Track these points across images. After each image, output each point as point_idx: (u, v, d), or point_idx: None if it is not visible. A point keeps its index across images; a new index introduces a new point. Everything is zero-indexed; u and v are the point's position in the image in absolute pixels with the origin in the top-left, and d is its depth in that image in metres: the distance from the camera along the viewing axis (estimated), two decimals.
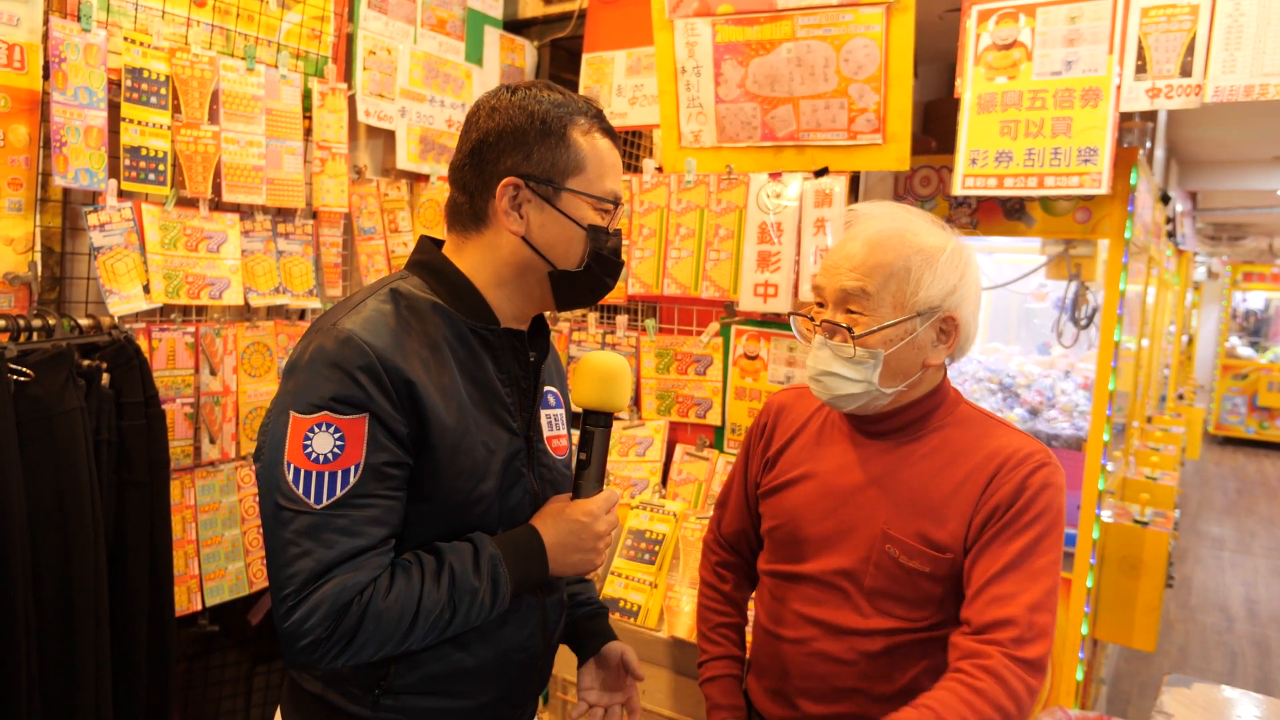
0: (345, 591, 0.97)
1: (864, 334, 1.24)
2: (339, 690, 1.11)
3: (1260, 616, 5.00)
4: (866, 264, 1.24)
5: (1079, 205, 2.59)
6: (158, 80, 2.02)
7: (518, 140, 1.09)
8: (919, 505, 1.26)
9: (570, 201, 1.11)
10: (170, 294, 2.06)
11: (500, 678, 1.17)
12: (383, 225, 2.65)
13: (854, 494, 1.30)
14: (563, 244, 1.12)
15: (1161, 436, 4.82)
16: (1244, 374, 10.63)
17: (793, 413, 1.45)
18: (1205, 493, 8.11)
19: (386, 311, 1.06)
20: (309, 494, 0.99)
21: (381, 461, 1.01)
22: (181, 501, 2.11)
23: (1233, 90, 1.81)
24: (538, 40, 3.08)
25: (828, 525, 1.31)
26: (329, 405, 0.99)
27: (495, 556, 1.08)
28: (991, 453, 1.26)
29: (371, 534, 1.00)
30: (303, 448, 0.99)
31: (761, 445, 1.46)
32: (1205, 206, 7.92)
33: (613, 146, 1.16)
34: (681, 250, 2.25)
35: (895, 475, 1.29)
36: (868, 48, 2.06)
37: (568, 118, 1.11)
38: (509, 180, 1.09)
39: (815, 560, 1.32)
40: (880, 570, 1.27)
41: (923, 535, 1.25)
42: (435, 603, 1.03)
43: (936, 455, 1.29)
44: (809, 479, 1.35)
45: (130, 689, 1.82)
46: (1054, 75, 1.97)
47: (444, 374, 1.07)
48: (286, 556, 0.98)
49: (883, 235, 1.26)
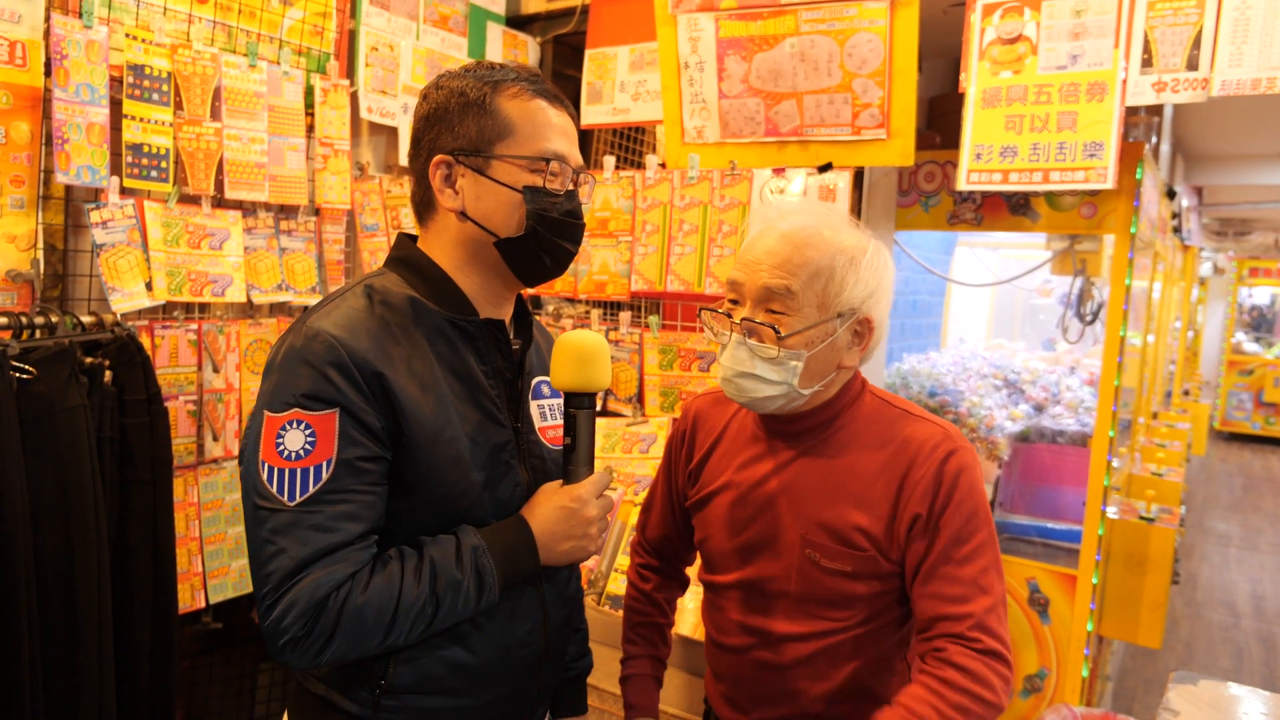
0: (320, 588, 0.96)
1: (789, 334, 1.19)
2: (342, 691, 1.11)
3: (1266, 613, 4.98)
4: (791, 262, 1.20)
5: (1084, 200, 2.57)
6: (159, 77, 2.02)
7: (443, 118, 1.10)
8: (833, 505, 1.24)
9: (500, 168, 1.10)
10: (173, 291, 2.06)
11: (502, 675, 1.16)
12: (385, 222, 2.65)
13: (770, 502, 1.28)
14: (500, 211, 1.10)
15: (1167, 433, 4.80)
16: (1250, 370, 10.59)
17: (709, 420, 1.41)
18: (1211, 489, 8.08)
19: (359, 308, 1.06)
20: (282, 491, 0.98)
21: (355, 456, 1.00)
22: (184, 499, 2.11)
23: (1239, 84, 1.79)
24: (540, 36, 3.07)
25: (749, 535, 1.30)
26: (299, 402, 0.99)
27: (478, 547, 1.06)
28: (900, 447, 1.24)
29: (347, 530, 1.00)
30: (275, 445, 0.99)
31: (684, 454, 1.43)
32: (1211, 201, 7.89)
33: (549, 106, 1.13)
34: (685, 246, 2.24)
35: (808, 478, 1.27)
36: (872, 42, 2.05)
37: (491, 87, 1.10)
38: (438, 159, 1.10)
39: (742, 570, 1.31)
40: (803, 576, 1.25)
41: (839, 535, 1.23)
42: (416, 598, 1.01)
43: (847, 452, 1.26)
44: (727, 489, 1.33)
45: (133, 686, 1.83)
46: (1059, 69, 1.96)
47: (422, 367, 1.07)
48: (264, 555, 0.98)
49: (806, 233, 1.22)
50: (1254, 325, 11.70)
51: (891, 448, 1.24)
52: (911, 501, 1.20)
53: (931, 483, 1.20)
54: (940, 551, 1.18)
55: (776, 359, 1.20)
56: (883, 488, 1.22)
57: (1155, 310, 4.16)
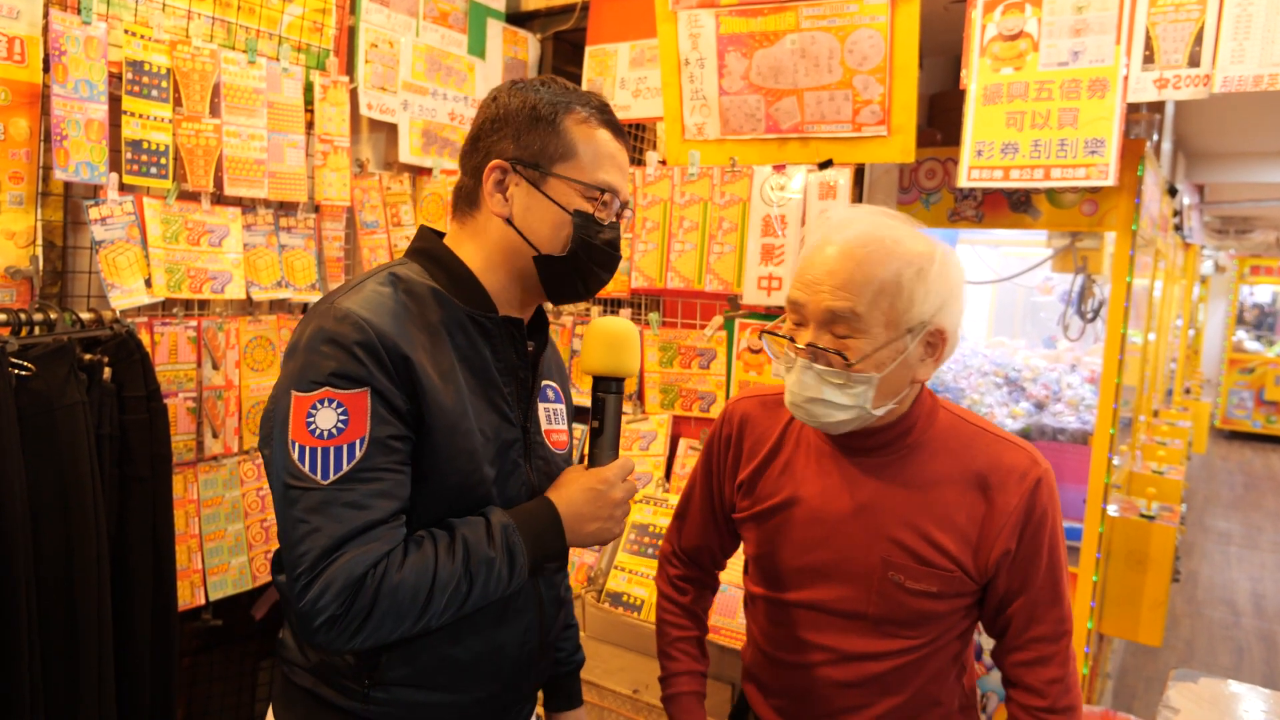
0: (358, 566, 0.96)
1: (858, 360, 1.12)
2: (330, 684, 1.10)
3: (1267, 611, 4.98)
4: (854, 280, 1.11)
5: (1085, 198, 2.57)
6: (159, 73, 2.01)
7: (509, 125, 1.12)
8: (918, 526, 1.19)
9: (557, 186, 1.11)
10: (172, 288, 2.05)
11: (494, 673, 1.16)
12: (385, 219, 2.64)
13: (845, 521, 1.22)
14: (547, 228, 1.12)
15: (1168, 431, 4.79)
16: (1251, 368, 10.59)
17: (760, 425, 1.34)
18: (1212, 487, 8.08)
19: (385, 293, 1.06)
20: (315, 470, 0.98)
21: (386, 435, 1.00)
22: (184, 496, 2.11)
23: (1241, 80, 1.79)
24: (540, 33, 3.07)
25: (823, 555, 1.24)
26: (329, 381, 0.99)
27: (508, 526, 1.07)
28: (987, 469, 1.20)
29: (381, 507, 0.99)
30: (306, 425, 0.98)
31: (730, 461, 1.36)
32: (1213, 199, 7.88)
33: (613, 139, 1.15)
34: (685, 243, 2.24)
35: (888, 498, 1.21)
36: (872, 39, 2.05)
37: (563, 106, 1.12)
38: (496, 162, 1.11)
39: (813, 589, 1.25)
40: (884, 598, 1.21)
41: (923, 557, 1.19)
42: (451, 575, 1.01)
43: (926, 470, 1.21)
44: (795, 505, 1.26)
45: (134, 684, 1.82)
46: (1060, 66, 1.95)
47: (441, 357, 1.07)
48: (297, 535, 0.97)
49: (868, 246, 1.13)
50: (1255, 324, 11.69)
51: (976, 468, 1.20)
52: (1003, 534, 1.17)
53: (1022, 515, 1.18)
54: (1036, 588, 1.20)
55: (846, 384, 1.14)
56: (969, 511, 1.19)
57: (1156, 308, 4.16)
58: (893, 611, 1.21)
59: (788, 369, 1.18)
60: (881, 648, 1.23)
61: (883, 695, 1.25)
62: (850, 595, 1.22)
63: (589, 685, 2.13)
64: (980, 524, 1.18)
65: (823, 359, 1.14)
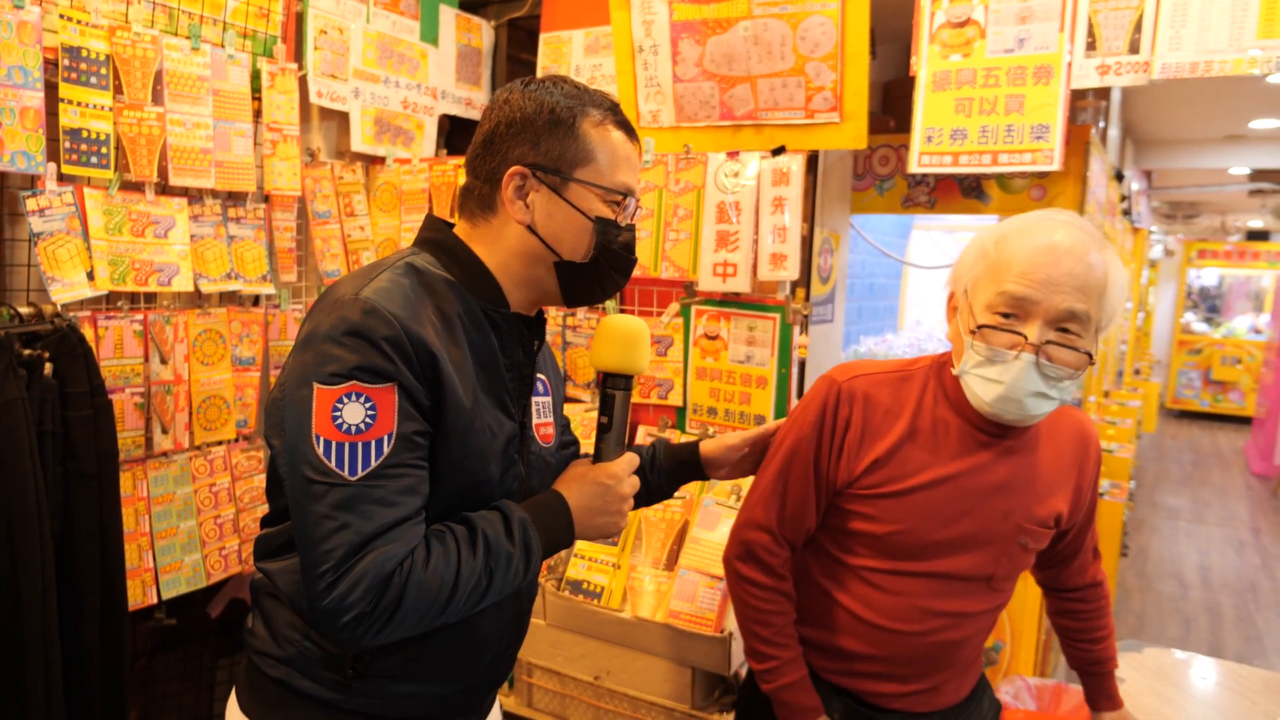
0: (387, 563, 0.95)
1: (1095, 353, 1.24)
2: (307, 675, 1.09)
3: (1213, 584, 5.14)
4: (1089, 284, 1.20)
5: (1034, 183, 2.62)
6: (97, 60, 1.96)
7: (526, 130, 1.10)
8: (1039, 493, 1.34)
9: (578, 192, 1.11)
10: (116, 281, 2.01)
11: (474, 665, 1.16)
12: (338, 209, 2.60)
13: (988, 496, 1.31)
14: (570, 234, 1.12)
15: (1118, 410, 4.92)
16: (1198, 349, 10.89)
17: (882, 405, 1.34)
18: (1162, 465, 8.31)
19: (404, 284, 1.04)
20: (342, 466, 0.96)
21: (411, 431, 0.99)
22: (133, 493, 2.06)
23: (1179, 67, 1.83)
24: (495, 20, 3.04)
25: (963, 527, 1.31)
26: (355, 375, 0.96)
27: (525, 520, 1.08)
28: (1076, 435, 1.40)
29: (408, 504, 0.99)
30: (332, 419, 0.96)
31: (853, 439, 1.34)
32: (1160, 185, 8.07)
33: (627, 140, 1.15)
34: (640, 231, 2.24)
35: (1023, 471, 1.33)
36: (824, 26, 2.06)
37: (579, 109, 1.11)
38: (515, 169, 1.10)
39: (949, 559, 1.33)
40: (1010, 559, 1.35)
41: (1044, 521, 1.35)
42: (473, 570, 1.02)
43: (1042, 443, 1.36)
44: (943, 483, 1.31)
45: (83, 686, 1.79)
46: (1007, 53, 1.99)
47: (457, 351, 1.06)
48: (322, 531, 0.95)
49: (1093, 254, 1.22)
50: (1202, 306, 12.03)
51: (1069, 435, 1.39)
52: (1087, 490, 1.42)
53: (1095, 472, 1.42)
54: (1091, 532, 1.51)
55: (1066, 379, 1.22)
56: (1071, 476, 1.39)
57: None
58: (1011, 570, 1.37)
59: (995, 363, 1.22)
60: (991, 603, 1.38)
61: (981, 639, 1.43)
62: (983, 561, 1.33)
63: (550, 673, 2.13)
64: (1076, 485, 1.39)
65: (1062, 355, 1.20)
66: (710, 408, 2.23)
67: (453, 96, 2.91)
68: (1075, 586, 1.56)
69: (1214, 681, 2.02)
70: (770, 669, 1.39)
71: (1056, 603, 1.60)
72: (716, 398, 2.21)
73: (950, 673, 1.40)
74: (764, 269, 2.08)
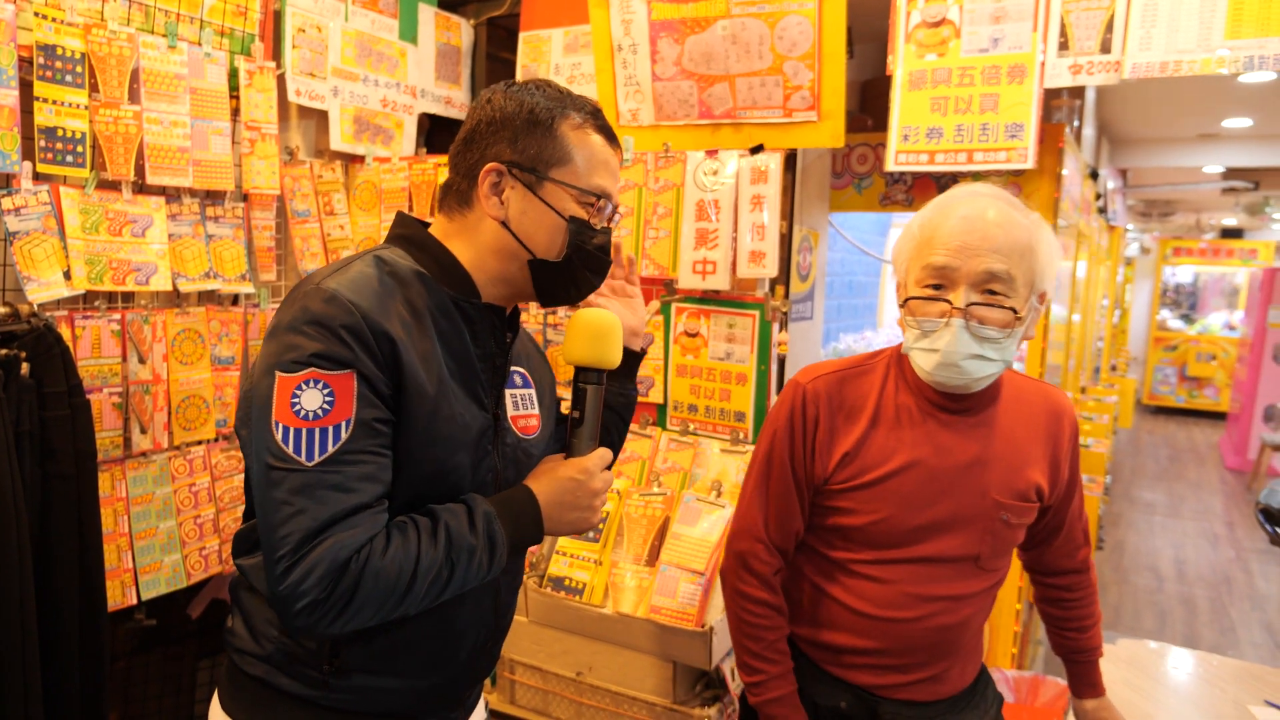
0: (343, 550, 0.95)
1: (1024, 311, 1.26)
2: (286, 672, 1.09)
3: (1188, 576, 5.22)
4: (1006, 244, 1.24)
5: (1009, 181, 2.65)
6: (72, 58, 1.95)
7: (505, 128, 1.12)
8: (1013, 467, 1.35)
9: (553, 191, 1.12)
10: (93, 280, 1.99)
11: (452, 658, 1.16)
12: (318, 208, 2.60)
13: (961, 474, 1.33)
14: (543, 232, 1.12)
15: (1095, 406, 4.98)
16: (1174, 345, 11.03)
17: (847, 400, 1.39)
18: (1138, 460, 8.41)
19: (371, 275, 1.05)
20: (300, 451, 0.96)
21: (371, 417, 1.00)
22: (112, 494, 2.05)
23: (1149, 66, 1.86)
24: (474, 18, 3.04)
25: (941, 509, 1.33)
26: (314, 362, 0.98)
27: (489, 513, 1.07)
28: (1049, 409, 1.41)
29: (366, 490, 0.99)
30: (291, 405, 0.97)
31: (822, 437, 1.38)
32: (1136, 183, 8.17)
33: (606, 145, 1.16)
34: (621, 229, 2.25)
35: (989, 446, 1.35)
36: (801, 25, 2.08)
37: (559, 111, 1.13)
38: (492, 165, 1.11)
39: (929, 543, 1.34)
40: (994, 536, 1.36)
41: (1022, 494, 1.36)
42: (433, 561, 1.01)
43: (1011, 417, 1.38)
44: (913, 467, 1.33)
45: (62, 688, 1.78)
46: (981, 52, 2.01)
47: (425, 341, 1.07)
48: (280, 517, 0.95)
49: (1005, 214, 1.27)
50: (1178, 303, 12.19)
51: (1042, 411, 1.40)
52: (1064, 463, 1.42)
53: (1071, 444, 1.43)
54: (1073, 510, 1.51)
55: (999, 339, 1.25)
56: (1045, 449, 1.39)
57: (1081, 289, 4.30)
58: (997, 547, 1.38)
59: (930, 334, 1.27)
60: (984, 584, 1.39)
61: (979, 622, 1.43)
62: (966, 541, 1.35)
63: (532, 670, 2.14)
64: (1052, 458, 1.40)
65: (979, 317, 1.24)
66: (691, 405, 2.24)
67: (432, 95, 2.91)
68: (1061, 570, 1.56)
69: (1187, 672, 2.05)
70: (758, 683, 1.42)
71: (1043, 589, 1.61)
72: (697, 395, 2.23)
73: (952, 660, 1.41)
74: (743, 266, 2.10)
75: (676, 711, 1.99)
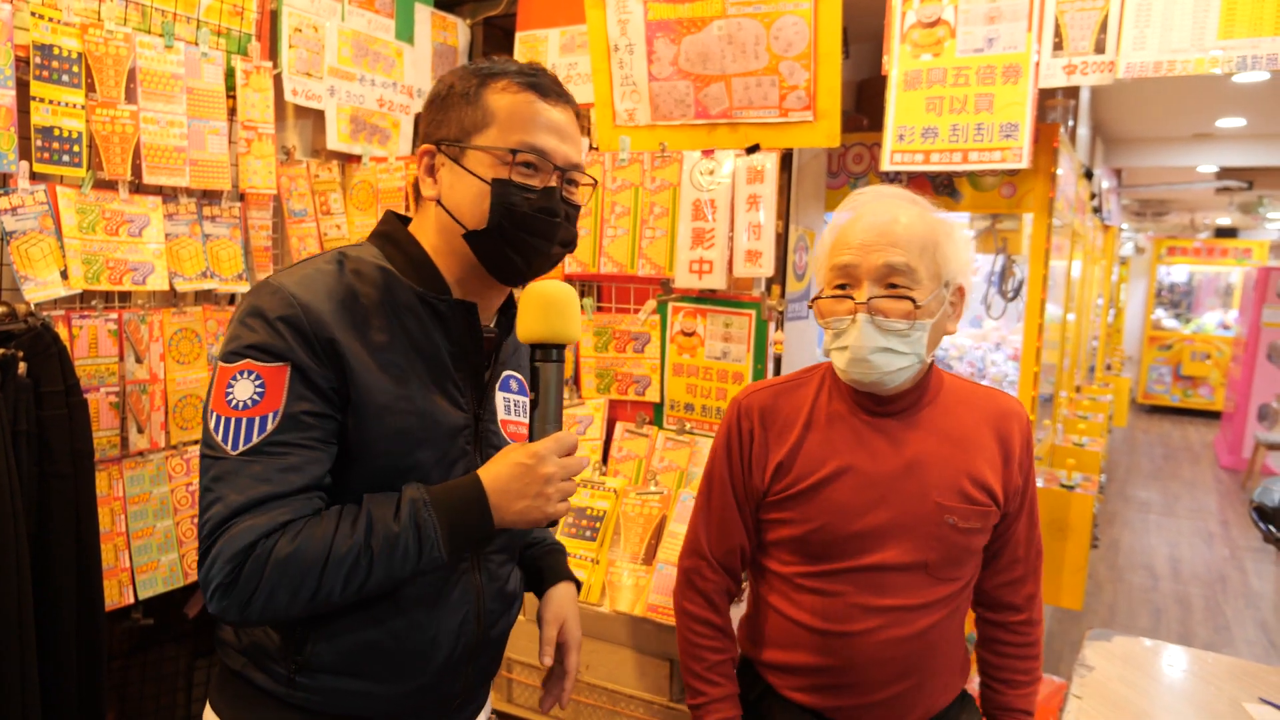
0: (248, 534, 0.95)
1: (925, 302, 1.25)
2: (259, 667, 1.09)
3: (1183, 575, 5.23)
4: (905, 238, 1.25)
5: (1004, 180, 2.66)
6: (69, 58, 1.95)
7: (436, 108, 1.13)
8: (963, 469, 1.32)
9: (474, 158, 1.09)
10: (90, 279, 1.99)
11: (424, 666, 1.12)
12: (314, 207, 2.60)
13: (898, 478, 1.30)
14: (469, 202, 1.10)
15: (1090, 405, 5.00)
16: (1169, 345, 11.06)
17: (781, 412, 1.39)
18: (1133, 459, 8.44)
19: (327, 271, 1.06)
20: (226, 440, 0.98)
21: (301, 410, 1.00)
22: (109, 493, 2.05)
23: (1143, 66, 1.87)
24: (470, 18, 3.04)
25: (878, 516, 1.30)
26: (248, 353, 0.99)
27: (417, 500, 1.03)
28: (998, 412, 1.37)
29: (286, 481, 0.98)
30: (225, 395, 0.98)
31: (757, 450, 1.39)
32: (1130, 183, 8.20)
33: (538, 99, 1.11)
34: (617, 229, 2.25)
35: (925, 448, 1.32)
36: (797, 25, 2.08)
37: (487, 79, 1.11)
38: (424, 147, 1.13)
39: (875, 552, 1.30)
40: (941, 542, 1.31)
41: (967, 494, 1.32)
42: (350, 549, 0.98)
43: (951, 421, 1.35)
44: (846, 472, 1.32)
45: (60, 687, 1.78)
46: (976, 52, 2.02)
47: (382, 338, 1.06)
48: (203, 504, 0.98)
49: (909, 213, 1.28)
50: (1172, 302, 12.22)
51: (988, 414, 1.37)
52: (1015, 468, 1.37)
53: (1023, 450, 1.38)
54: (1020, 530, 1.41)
55: (907, 331, 1.25)
56: (992, 451, 1.35)
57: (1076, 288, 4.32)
58: (948, 553, 1.32)
59: (841, 332, 1.28)
60: (939, 594, 1.33)
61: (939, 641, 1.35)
62: (912, 548, 1.31)
63: (530, 668, 2.15)
64: (1002, 462, 1.36)
65: (882, 310, 1.24)
66: (687, 404, 2.25)
67: None
68: (1001, 603, 1.45)
69: (1182, 669, 2.06)
70: (699, 704, 1.42)
71: (981, 629, 1.49)
72: (693, 394, 2.23)
73: (915, 680, 1.34)
74: (739, 266, 2.11)
75: (673, 709, 1.99)
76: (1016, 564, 1.43)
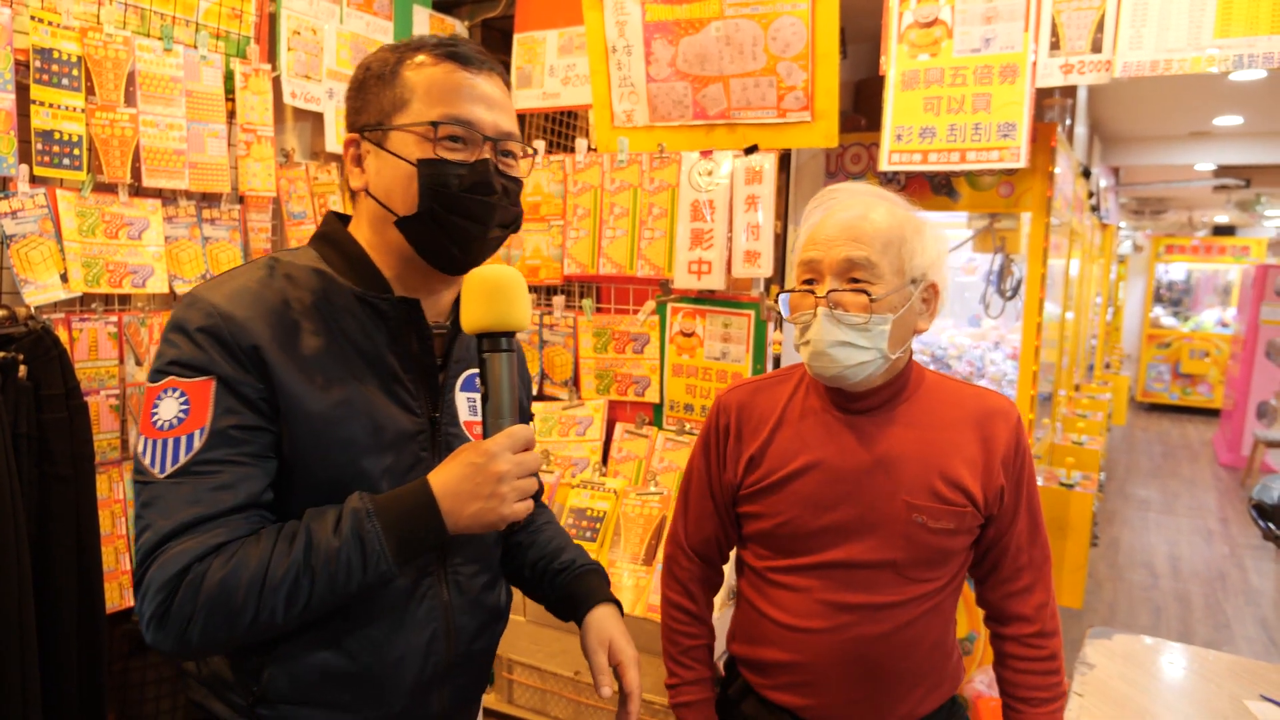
0: (179, 560, 0.89)
1: (883, 296, 1.23)
2: (219, 698, 1.03)
3: (1182, 572, 5.24)
4: (867, 233, 1.24)
5: (1002, 180, 2.67)
6: (69, 61, 1.95)
7: (356, 93, 1.06)
8: (935, 467, 1.29)
9: (398, 139, 1.02)
10: (90, 283, 2.00)
11: (390, 690, 1.04)
12: (313, 209, 2.60)
13: (866, 474, 1.29)
14: (397, 187, 1.02)
15: (1089, 404, 5.00)
16: (1167, 343, 11.07)
17: (758, 408, 1.40)
18: (1132, 457, 8.44)
19: (255, 278, 1.00)
20: (154, 463, 0.92)
21: (229, 425, 0.93)
22: (110, 496, 2.06)
23: (1140, 65, 1.88)
24: (468, 20, 3.04)
25: (848, 511, 1.29)
26: (171, 370, 0.93)
27: (360, 510, 0.94)
28: (982, 411, 1.33)
29: (219, 501, 0.92)
30: (151, 417, 0.93)
31: (731, 445, 1.40)
32: (1128, 181, 8.21)
33: (459, 69, 1.03)
34: (616, 230, 2.26)
35: (903, 446, 1.30)
36: (794, 26, 2.09)
37: (402, 58, 1.04)
38: (349, 137, 1.06)
39: (840, 548, 1.29)
40: (910, 541, 1.28)
41: (941, 495, 1.28)
42: (289, 567, 0.91)
43: (929, 418, 1.32)
44: (813, 468, 1.31)
45: (61, 689, 1.78)
46: (973, 52, 2.03)
47: (317, 343, 1.00)
48: (136, 531, 0.92)
49: (874, 208, 1.27)
50: (1171, 300, 12.24)
51: (970, 413, 1.32)
52: (1000, 469, 1.30)
53: (1012, 450, 1.32)
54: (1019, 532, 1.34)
55: (865, 325, 1.23)
56: (971, 450, 1.30)
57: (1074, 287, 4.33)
58: (918, 553, 1.29)
59: (806, 326, 1.27)
60: (910, 593, 1.30)
61: (914, 644, 1.31)
62: (879, 545, 1.28)
63: (530, 669, 2.15)
64: (982, 461, 1.30)
65: (842, 304, 1.23)
66: (687, 404, 2.25)
67: None
68: (1011, 614, 1.38)
69: (1182, 667, 2.07)
70: (674, 685, 1.46)
71: (996, 644, 1.43)
72: (693, 394, 2.24)
73: (888, 683, 1.31)
74: (738, 266, 2.11)
75: None
76: (1020, 572, 1.36)
